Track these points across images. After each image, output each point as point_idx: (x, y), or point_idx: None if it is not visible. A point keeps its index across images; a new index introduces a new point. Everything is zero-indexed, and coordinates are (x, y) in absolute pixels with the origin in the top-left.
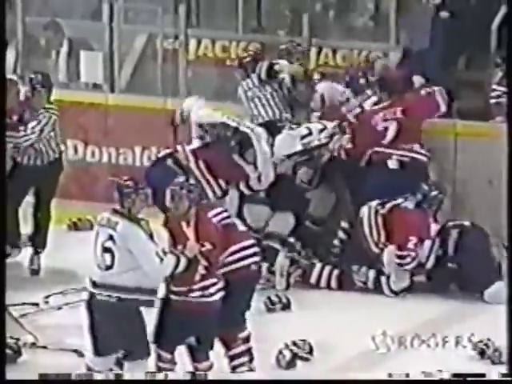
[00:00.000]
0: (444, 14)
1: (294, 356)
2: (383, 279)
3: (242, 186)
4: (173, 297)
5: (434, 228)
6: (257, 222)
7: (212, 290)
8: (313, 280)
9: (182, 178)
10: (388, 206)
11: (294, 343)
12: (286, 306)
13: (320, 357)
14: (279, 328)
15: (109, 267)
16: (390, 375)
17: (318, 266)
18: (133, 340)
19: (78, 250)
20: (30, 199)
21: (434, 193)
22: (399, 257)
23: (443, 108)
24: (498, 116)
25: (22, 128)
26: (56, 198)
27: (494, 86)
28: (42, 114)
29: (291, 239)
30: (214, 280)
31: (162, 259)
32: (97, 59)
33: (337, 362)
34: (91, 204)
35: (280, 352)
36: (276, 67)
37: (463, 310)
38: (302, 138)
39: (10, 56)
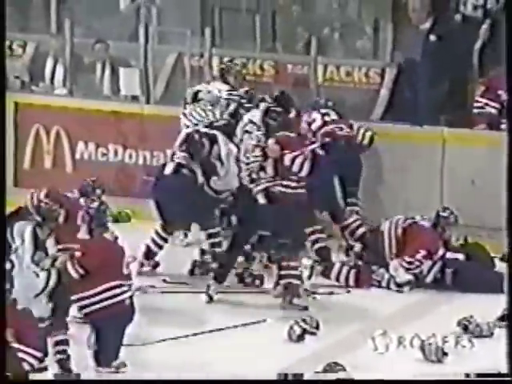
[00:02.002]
0: (432, 38)
1: (303, 331)
2: (391, 280)
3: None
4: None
5: (441, 252)
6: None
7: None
8: (333, 276)
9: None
10: (408, 221)
11: (303, 320)
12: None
13: (326, 331)
14: None
15: None
16: None
17: (338, 265)
18: None
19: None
20: None
21: (452, 219)
22: (408, 263)
23: None
24: (479, 124)
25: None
26: None
27: (477, 98)
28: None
29: None
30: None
31: (37, 275)
32: (134, 75)
33: (340, 337)
34: (129, 199)
35: (291, 327)
36: (199, 94)
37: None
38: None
39: (60, 72)
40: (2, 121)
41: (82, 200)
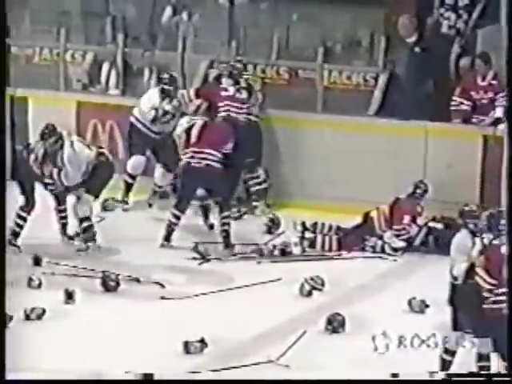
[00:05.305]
0: (417, 49)
1: (312, 288)
2: (386, 246)
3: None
4: None
5: (421, 220)
6: None
7: None
8: (318, 247)
9: None
10: (392, 199)
11: (312, 278)
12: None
13: (330, 288)
14: (301, 269)
15: None
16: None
17: (319, 237)
18: None
19: None
20: None
21: (425, 191)
22: (397, 230)
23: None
24: (455, 119)
25: None
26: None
27: (454, 98)
28: None
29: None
30: None
31: None
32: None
33: (341, 292)
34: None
35: (302, 285)
36: None
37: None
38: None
39: (113, 76)
40: (1, 117)
41: None
